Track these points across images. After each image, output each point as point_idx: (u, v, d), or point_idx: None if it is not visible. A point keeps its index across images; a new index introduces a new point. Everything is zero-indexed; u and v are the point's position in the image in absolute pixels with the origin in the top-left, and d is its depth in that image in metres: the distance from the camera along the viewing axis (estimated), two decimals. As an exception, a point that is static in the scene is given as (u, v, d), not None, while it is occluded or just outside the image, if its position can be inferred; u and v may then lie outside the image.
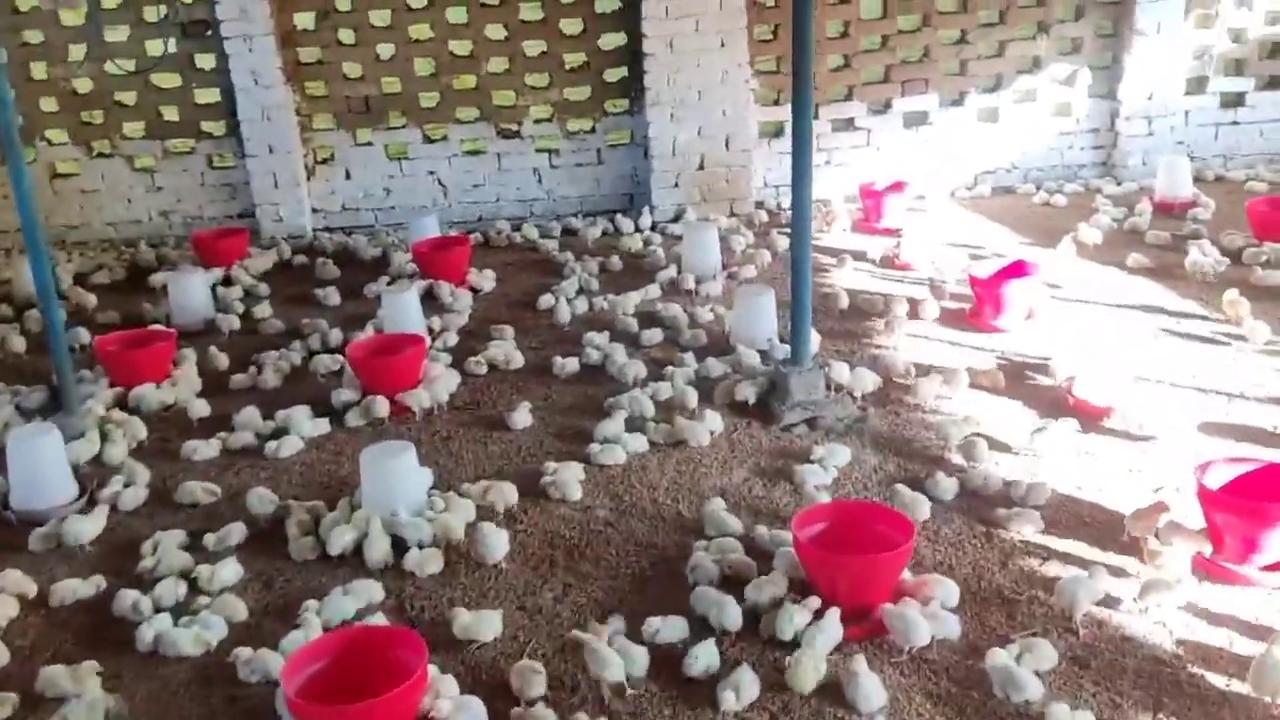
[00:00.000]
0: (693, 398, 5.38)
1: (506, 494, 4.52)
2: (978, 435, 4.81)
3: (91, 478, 4.94)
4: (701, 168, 8.56)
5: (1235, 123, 8.90)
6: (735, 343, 6.04)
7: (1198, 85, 8.83)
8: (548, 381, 5.88)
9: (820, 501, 4.22)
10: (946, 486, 4.44)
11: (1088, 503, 4.35)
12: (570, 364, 5.97)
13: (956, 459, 4.74)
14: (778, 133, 8.84)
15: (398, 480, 4.35)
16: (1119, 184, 8.74)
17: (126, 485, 4.85)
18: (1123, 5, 8.58)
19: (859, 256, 7.51)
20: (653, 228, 8.50)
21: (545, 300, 6.99)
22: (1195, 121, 8.88)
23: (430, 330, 6.55)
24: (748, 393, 5.34)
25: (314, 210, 8.86)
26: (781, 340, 6.02)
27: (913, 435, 5.02)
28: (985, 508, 4.34)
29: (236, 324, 6.92)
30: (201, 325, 6.90)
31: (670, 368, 5.81)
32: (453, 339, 6.50)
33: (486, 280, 7.49)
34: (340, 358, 6.06)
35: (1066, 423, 4.92)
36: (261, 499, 4.54)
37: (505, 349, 6.23)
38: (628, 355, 6.03)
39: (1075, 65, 8.79)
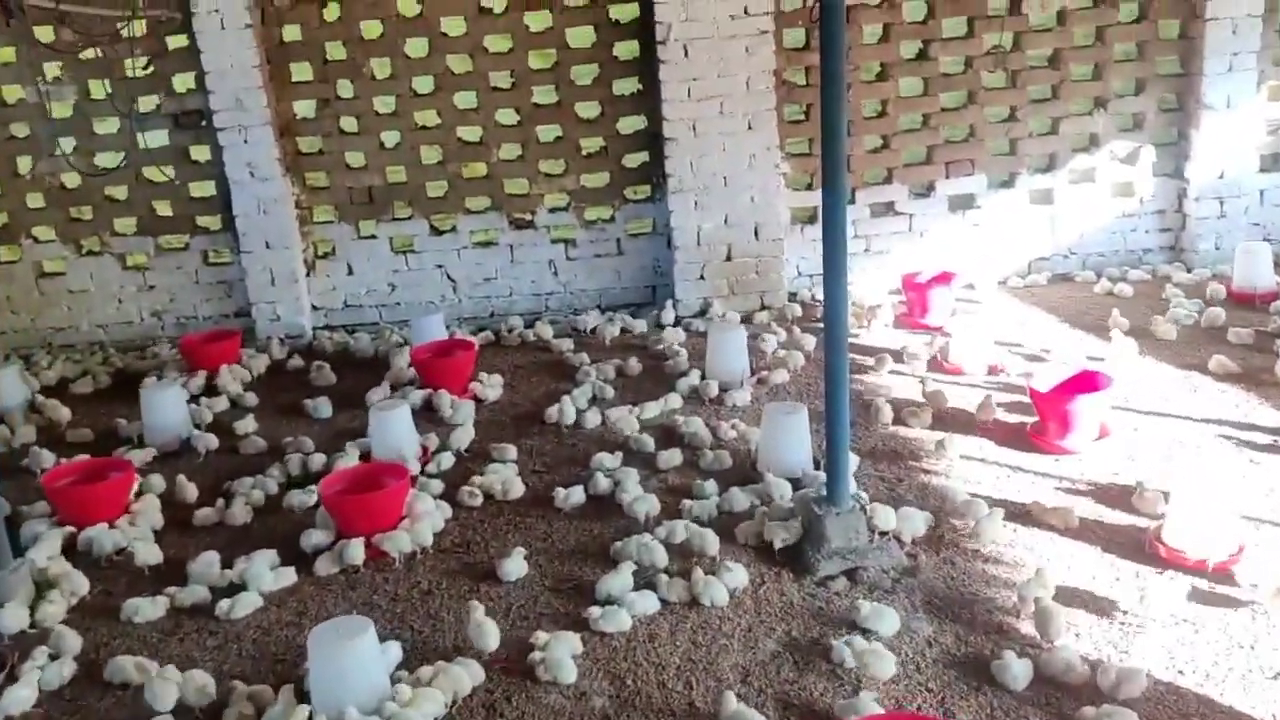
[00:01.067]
0: (713, 543, 4.63)
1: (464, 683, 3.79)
2: (1053, 600, 4.00)
3: (14, 647, 4.27)
4: (729, 258, 7.89)
5: (1315, 202, 8.11)
6: (763, 469, 5.31)
7: (1273, 162, 8.06)
8: (549, 516, 5.16)
9: (864, 716, 3.41)
10: (1018, 672, 3.63)
11: (1194, 695, 3.53)
12: (575, 494, 5.25)
13: (1027, 628, 3.95)
14: (811, 219, 8.18)
15: (353, 667, 3.63)
16: (1189, 271, 7.95)
17: (52, 658, 4.17)
18: (1188, 78, 7.87)
19: (902, 357, 6.77)
20: (676, 323, 7.83)
21: (553, 412, 6.30)
22: (1271, 201, 8.08)
23: (424, 450, 5.90)
24: (777, 536, 4.59)
25: (314, 308, 8.29)
26: (817, 465, 5.28)
27: (973, 593, 4.23)
28: (1067, 701, 3.53)
29: (214, 443, 6.28)
30: (177, 444, 6.28)
31: (688, 501, 5.07)
32: (448, 460, 5.82)
33: (492, 388, 6.82)
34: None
35: (1158, 579, 4.12)
36: (199, 689, 3.81)
37: (504, 475, 5.54)
38: (641, 482, 5.34)
39: (1137, 142, 8.06)
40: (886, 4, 7.79)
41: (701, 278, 7.94)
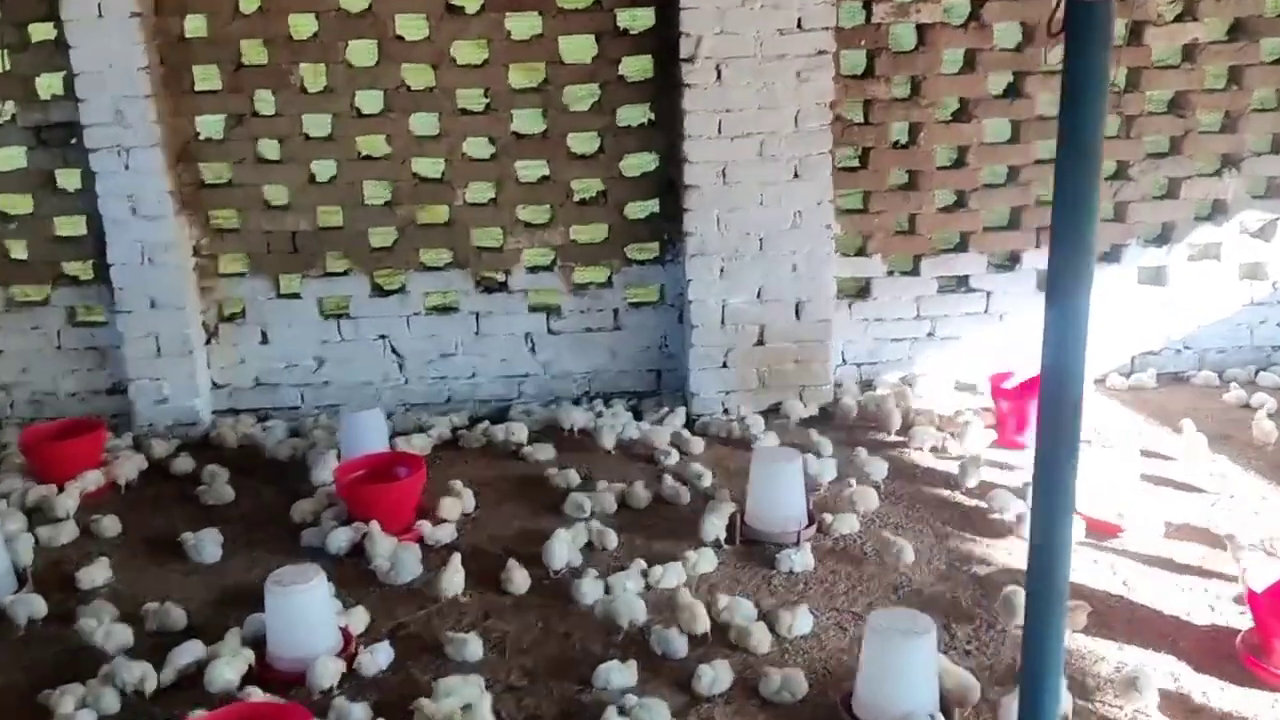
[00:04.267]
0: None
1: None
2: None
3: None
4: (760, 342, 6.09)
5: None
6: (863, 714, 3.48)
7: None
8: (535, 787, 3.30)
9: None
10: None
11: None
12: (573, 745, 3.41)
13: None
14: (862, 292, 6.43)
15: None
16: (1333, 376, 6.30)
17: None
18: (1344, 132, 6.24)
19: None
20: (689, 424, 6.02)
21: (525, 578, 4.45)
22: None
23: (347, 640, 4.01)
24: None
25: (215, 386, 6.34)
26: (946, 712, 3.48)
27: None
28: None
29: (41, 609, 4.33)
30: (-12, 609, 4.35)
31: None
32: (381, 659, 3.94)
33: (445, 526, 4.94)
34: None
35: None
36: None
37: (465, 693, 3.66)
38: (673, 722, 3.51)
39: (1273, 214, 6.40)
40: (974, 23, 6.07)
41: (725, 365, 6.12)
